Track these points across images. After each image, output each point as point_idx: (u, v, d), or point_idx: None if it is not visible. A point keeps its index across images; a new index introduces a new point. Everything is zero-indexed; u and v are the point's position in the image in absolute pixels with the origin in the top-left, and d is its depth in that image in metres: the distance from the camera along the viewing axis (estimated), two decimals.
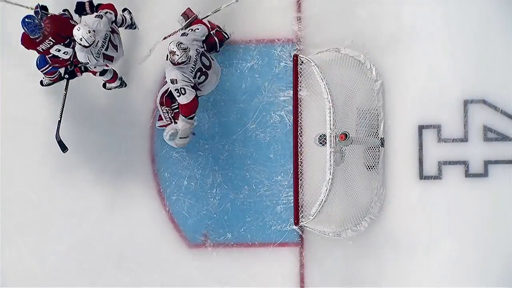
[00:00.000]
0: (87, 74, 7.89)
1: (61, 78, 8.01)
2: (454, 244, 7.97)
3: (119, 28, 7.82)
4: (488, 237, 7.93)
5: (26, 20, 7.40)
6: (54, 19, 7.56)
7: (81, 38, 7.38)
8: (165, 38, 7.91)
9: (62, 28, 7.54)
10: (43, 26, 7.46)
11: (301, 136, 7.52)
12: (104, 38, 7.57)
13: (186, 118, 7.57)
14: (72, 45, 7.60)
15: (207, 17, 7.90)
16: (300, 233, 8.14)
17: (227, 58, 8.18)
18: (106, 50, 7.63)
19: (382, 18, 8.12)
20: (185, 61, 7.42)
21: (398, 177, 8.06)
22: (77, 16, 7.77)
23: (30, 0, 7.75)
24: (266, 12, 8.21)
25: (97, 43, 7.51)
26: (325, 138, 7.19)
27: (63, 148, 7.88)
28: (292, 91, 7.62)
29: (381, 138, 8.01)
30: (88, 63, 7.58)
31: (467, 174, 8.01)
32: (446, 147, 8.03)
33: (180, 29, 7.85)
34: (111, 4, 7.70)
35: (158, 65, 8.11)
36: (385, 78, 8.09)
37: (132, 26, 7.95)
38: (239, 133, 8.22)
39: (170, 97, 7.73)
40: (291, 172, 7.86)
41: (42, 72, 7.93)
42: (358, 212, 7.90)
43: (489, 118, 8.00)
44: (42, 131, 8.21)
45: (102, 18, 7.55)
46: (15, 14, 7.73)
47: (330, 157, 7.15)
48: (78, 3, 7.76)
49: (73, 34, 7.40)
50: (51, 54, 7.65)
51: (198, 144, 8.18)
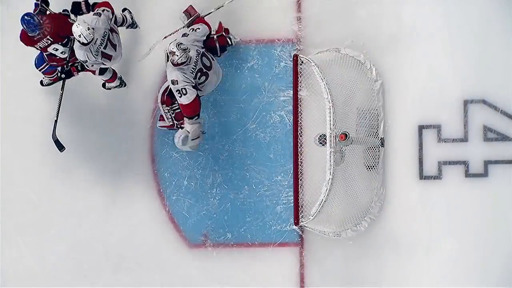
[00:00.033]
0: (87, 74, 7.88)
1: (60, 77, 8.00)
2: (454, 244, 7.97)
3: (121, 27, 7.81)
4: (488, 237, 7.93)
5: (26, 17, 7.36)
6: (53, 19, 7.54)
7: (80, 35, 7.35)
8: (165, 37, 7.90)
9: (61, 27, 7.52)
10: (43, 26, 7.44)
11: (301, 136, 7.51)
12: (103, 36, 7.54)
13: (190, 119, 7.57)
14: (69, 45, 7.59)
15: (210, 13, 7.87)
16: (300, 233, 8.14)
17: (227, 58, 8.17)
18: (105, 48, 7.60)
19: (382, 18, 8.12)
20: (185, 61, 7.40)
21: (398, 177, 8.06)
22: (73, 16, 7.74)
23: None
24: (266, 12, 8.21)
25: (96, 41, 7.48)
26: (325, 138, 7.19)
27: (60, 147, 7.87)
28: (292, 91, 7.61)
29: (381, 138, 8.01)
30: (86, 61, 7.56)
31: (467, 174, 8.00)
32: (446, 147, 8.03)
33: (181, 27, 7.82)
34: (107, 1, 7.66)
35: (158, 65, 8.11)
36: (385, 78, 8.09)
37: (133, 25, 7.95)
38: (239, 133, 8.22)
39: (170, 95, 7.72)
40: (291, 172, 7.85)
41: (40, 71, 7.92)
42: (358, 212, 7.90)
43: (489, 118, 8.00)
44: (42, 131, 8.19)
45: (100, 16, 7.51)
46: (15, 14, 7.72)
47: (330, 157, 7.15)
48: (74, 3, 7.72)
49: (71, 33, 7.39)
50: (48, 52, 7.64)
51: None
